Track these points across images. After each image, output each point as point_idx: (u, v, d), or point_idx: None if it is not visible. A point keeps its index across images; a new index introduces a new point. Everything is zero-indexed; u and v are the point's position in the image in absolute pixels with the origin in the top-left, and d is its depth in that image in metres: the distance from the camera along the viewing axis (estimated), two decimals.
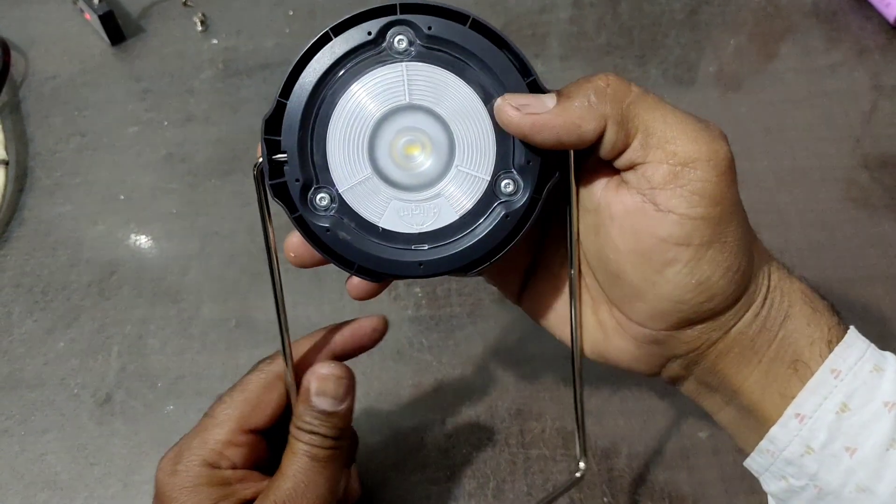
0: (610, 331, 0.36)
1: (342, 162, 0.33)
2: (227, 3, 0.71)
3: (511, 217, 0.33)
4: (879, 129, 0.63)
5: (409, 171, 0.34)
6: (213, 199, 0.60)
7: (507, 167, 0.33)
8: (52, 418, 0.51)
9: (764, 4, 0.70)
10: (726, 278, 0.32)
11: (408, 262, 0.34)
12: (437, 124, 0.33)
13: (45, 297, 0.56)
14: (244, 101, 0.65)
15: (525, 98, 0.32)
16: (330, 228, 0.33)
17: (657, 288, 0.32)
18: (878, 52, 0.67)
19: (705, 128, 0.32)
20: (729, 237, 0.32)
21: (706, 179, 0.31)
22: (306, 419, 0.37)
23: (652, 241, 0.31)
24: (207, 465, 0.37)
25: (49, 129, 0.64)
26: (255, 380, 0.39)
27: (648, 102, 0.31)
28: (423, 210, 0.34)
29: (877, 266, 0.56)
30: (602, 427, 0.50)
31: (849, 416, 0.32)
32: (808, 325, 0.33)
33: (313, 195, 0.33)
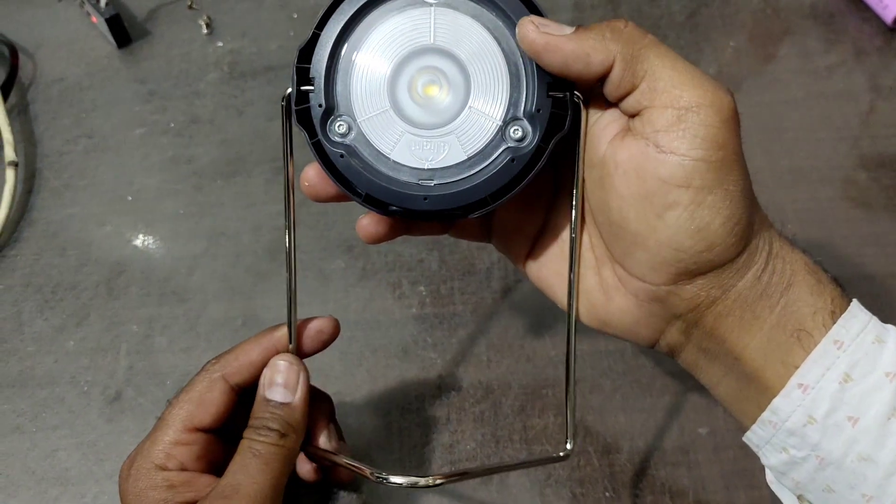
0: (611, 290, 0.37)
1: (364, 94, 0.35)
2: (232, 7, 0.72)
3: (517, 162, 0.35)
4: (877, 130, 0.63)
5: (424, 108, 0.36)
6: (218, 199, 0.61)
7: (517, 114, 0.35)
8: (62, 415, 0.52)
9: (762, 6, 0.71)
10: (726, 228, 0.32)
11: (413, 196, 0.35)
12: (456, 67, 0.35)
13: (55, 296, 0.56)
14: (249, 103, 0.66)
15: (545, 20, 0.34)
16: (344, 155, 0.35)
17: (657, 233, 0.33)
18: (876, 54, 0.68)
19: (712, 80, 0.33)
20: (731, 185, 0.32)
21: (709, 124, 0.31)
22: (257, 414, 0.38)
23: (654, 182, 0.32)
24: (156, 468, 0.38)
25: (57, 131, 0.64)
26: (199, 380, 0.40)
27: (660, 50, 0.33)
28: (433, 146, 0.35)
29: (874, 265, 0.57)
30: (604, 423, 0.51)
31: (851, 387, 0.32)
32: (811, 295, 0.34)
33: (332, 122, 0.35)
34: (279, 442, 0.38)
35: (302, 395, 0.39)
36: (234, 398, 0.40)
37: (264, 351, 0.41)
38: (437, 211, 0.35)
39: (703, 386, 0.51)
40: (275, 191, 0.61)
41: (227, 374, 0.40)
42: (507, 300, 0.55)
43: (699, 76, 0.32)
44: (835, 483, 0.33)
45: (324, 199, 0.38)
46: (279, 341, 0.41)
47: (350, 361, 0.53)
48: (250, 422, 0.38)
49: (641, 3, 0.71)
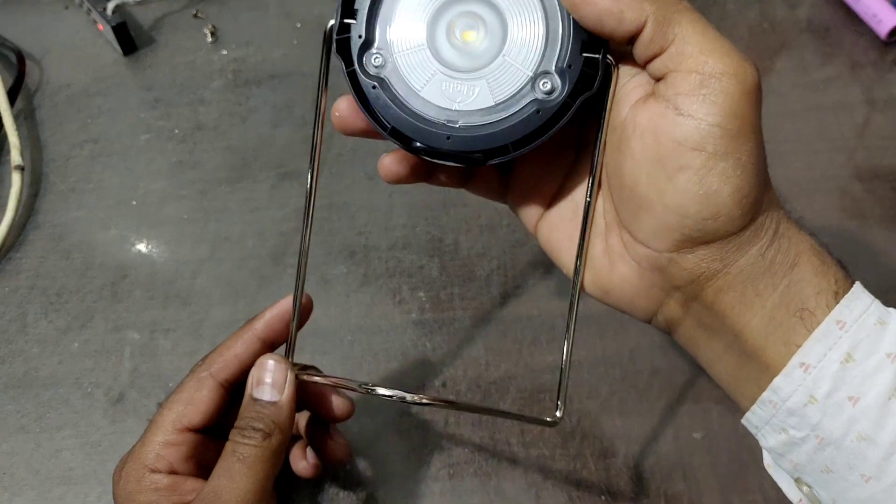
0: (616, 257, 0.37)
1: (403, 30, 0.36)
2: (237, 15, 0.73)
3: (542, 114, 0.35)
4: (872, 142, 0.64)
5: (460, 52, 0.36)
6: (222, 205, 0.61)
7: (548, 68, 0.35)
8: (66, 416, 0.52)
9: (759, 21, 0.72)
10: (734, 198, 0.33)
11: (438, 134, 0.35)
12: (495, 16, 0.36)
13: (60, 298, 0.57)
14: (253, 110, 0.67)
15: None
16: (376, 87, 0.36)
17: (665, 197, 0.33)
18: (871, 67, 0.69)
19: (739, 51, 0.33)
20: (744, 156, 0.32)
21: (729, 92, 0.32)
22: (244, 414, 0.39)
23: (669, 144, 0.33)
24: (146, 470, 0.39)
25: (63, 136, 0.65)
26: (187, 380, 0.41)
27: (693, 16, 0.33)
28: (464, 88, 0.36)
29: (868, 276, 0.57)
30: (600, 427, 0.51)
31: (853, 367, 0.32)
32: (815, 275, 0.34)
33: (369, 55, 0.36)
34: (263, 443, 0.38)
35: (289, 394, 0.39)
36: (224, 395, 0.41)
37: (246, 343, 0.41)
38: (458, 152, 0.36)
39: (698, 391, 0.52)
40: (279, 196, 0.62)
41: (213, 371, 0.41)
42: (505, 306, 0.56)
43: (728, 46, 0.33)
44: (833, 463, 0.33)
45: (351, 132, 0.38)
46: (259, 331, 0.42)
47: (351, 365, 0.54)
48: (236, 422, 0.39)
49: None
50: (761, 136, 0.33)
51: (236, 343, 0.42)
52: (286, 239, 0.60)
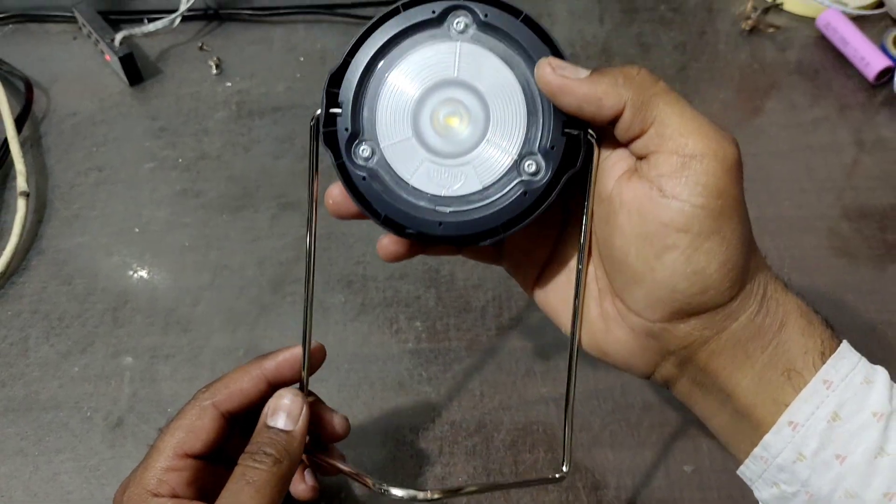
0: (611, 321, 0.38)
1: (388, 121, 0.37)
2: (241, 49, 0.74)
3: (529, 195, 0.37)
4: (860, 182, 0.66)
5: (444, 138, 0.37)
6: (224, 233, 0.63)
7: (532, 149, 0.37)
8: (65, 440, 0.53)
9: (750, 62, 0.74)
10: (721, 273, 0.34)
11: (429, 221, 0.37)
12: (477, 100, 0.37)
13: (61, 323, 0.58)
14: (255, 141, 0.68)
15: (563, 63, 0.35)
16: (366, 178, 0.37)
17: (655, 273, 0.34)
18: (859, 109, 0.70)
19: (718, 129, 0.34)
20: (728, 233, 0.33)
21: (711, 173, 0.33)
22: (256, 439, 0.39)
23: (655, 225, 0.34)
24: (149, 494, 0.39)
25: (69, 164, 0.67)
26: (190, 408, 0.42)
27: (670, 98, 0.34)
28: (451, 175, 0.37)
29: (855, 313, 0.59)
30: (592, 460, 0.52)
31: (839, 425, 0.34)
32: (802, 336, 0.35)
33: (357, 146, 0.37)
34: (273, 468, 0.38)
35: (303, 426, 0.40)
36: (224, 425, 0.42)
37: (254, 380, 0.42)
38: (450, 237, 0.37)
39: (688, 425, 0.53)
40: (280, 226, 0.63)
41: (217, 401, 0.42)
42: (500, 338, 0.57)
43: (706, 125, 0.34)
44: None
45: (346, 217, 0.39)
46: (268, 370, 0.43)
47: (347, 393, 0.55)
48: (248, 447, 0.39)
49: (634, 55, 0.74)
50: (745, 209, 0.34)
51: (244, 378, 0.42)
52: (286, 268, 0.61)
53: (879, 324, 0.58)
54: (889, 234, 0.63)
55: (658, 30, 0.76)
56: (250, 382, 0.42)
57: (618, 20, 0.76)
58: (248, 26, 0.76)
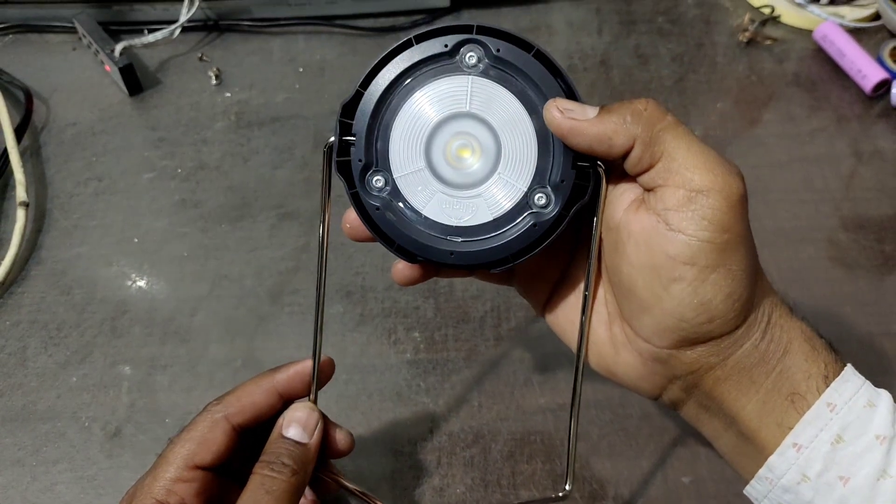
0: (619, 345, 0.39)
1: (401, 152, 0.38)
2: (241, 59, 0.75)
3: (538, 227, 0.37)
4: (857, 193, 0.66)
5: (457, 170, 0.38)
6: (223, 243, 0.63)
7: (542, 182, 0.37)
8: (63, 450, 0.53)
9: (747, 73, 0.74)
10: (727, 304, 0.35)
11: (441, 250, 0.38)
12: (488, 134, 0.38)
13: (60, 333, 0.58)
14: (254, 151, 0.68)
15: (571, 104, 0.36)
16: (380, 208, 0.38)
17: (663, 303, 0.35)
18: (856, 121, 0.71)
19: (724, 163, 0.35)
20: (734, 265, 0.34)
21: (716, 207, 0.34)
22: (272, 449, 0.40)
23: (662, 257, 0.35)
24: (156, 502, 0.39)
25: (68, 174, 0.67)
26: (202, 419, 0.42)
27: (678, 132, 0.35)
28: (463, 206, 0.38)
29: (853, 324, 0.59)
30: (590, 470, 0.52)
31: (843, 448, 0.34)
32: (805, 361, 0.36)
33: (371, 176, 0.38)
34: (291, 479, 0.38)
35: (317, 440, 0.41)
36: (235, 438, 0.42)
37: (266, 393, 0.42)
38: (461, 266, 0.38)
39: (686, 436, 0.53)
40: (279, 236, 0.63)
41: (229, 414, 0.42)
42: (499, 348, 0.57)
43: (713, 160, 0.34)
44: None
45: (362, 240, 0.40)
46: (280, 383, 0.43)
47: (346, 404, 0.55)
48: (263, 456, 0.39)
49: (632, 67, 0.74)
50: (751, 241, 0.35)
51: (256, 391, 0.42)
52: (284, 278, 0.61)
53: (878, 335, 0.58)
54: (887, 245, 0.63)
55: (656, 41, 0.76)
56: (262, 395, 0.42)
57: (616, 32, 0.77)
58: (248, 37, 0.76)
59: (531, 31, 0.77)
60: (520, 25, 0.77)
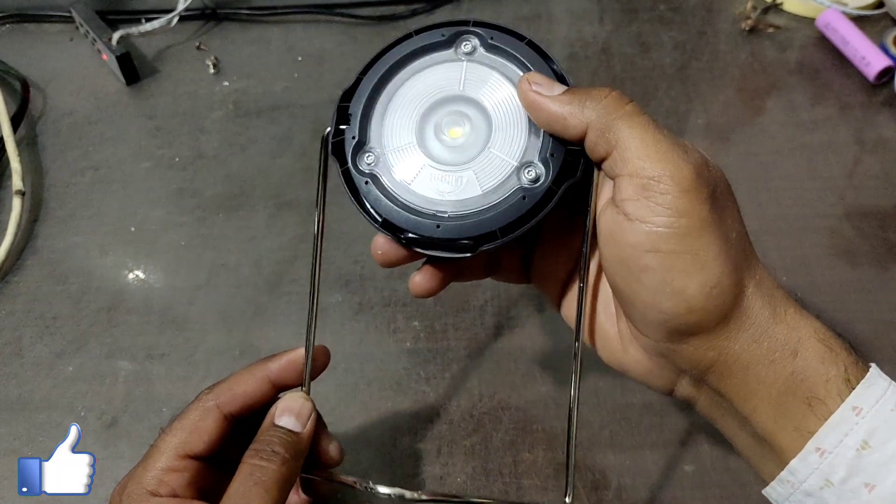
0: (626, 341, 0.39)
1: (394, 130, 0.39)
2: (239, 48, 0.74)
3: (528, 200, 0.37)
4: (861, 181, 0.66)
5: (448, 147, 0.38)
6: (220, 233, 0.62)
7: (532, 158, 0.37)
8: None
9: (751, 61, 0.73)
10: (702, 292, 0.34)
11: (427, 224, 0.37)
12: (480, 114, 0.38)
13: (56, 322, 0.57)
14: (253, 140, 0.68)
15: (542, 79, 0.37)
16: (369, 182, 0.38)
17: (640, 295, 0.35)
18: (860, 109, 0.70)
19: (678, 149, 0.34)
20: (701, 252, 0.34)
21: (668, 192, 0.33)
22: (264, 436, 0.39)
23: (626, 248, 0.34)
24: (148, 494, 0.38)
25: (64, 163, 0.66)
26: (193, 409, 0.41)
27: (633, 121, 0.34)
28: (451, 180, 0.38)
29: (858, 310, 0.58)
30: (592, 459, 0.51)
31: (869, 454, 0.33)
32: (822, 363, 0.34)
33: (362, 154, 0.38)
34: (282, 468, 0.38)
35: (310, 429, 0.40)
36: (227, 427, 0.41)
37: (258, 381, 0.42)
38: (447, 239, 0.37)
39: (689, 425, 0.52)
40: (277, 225, 0.62)
41: (220, 403, 0.41)
42: (499, 337, 0.57)
43: (665, 147, 0.34)
44: None
45: (394, 264, 0.40)
46: (273, 372, 0.42)
47: (345, 393, 0.54)
48: (254, 444, 0.39)
49: (634, 55, 0.73)
50: (721, 226, 0.34)
51: (248, 380, 0.42)
52: (282, 268, 0.60)
53: (882, 323, 0.57)
54: (891, 234, 0.62)
55: (658, 29, 0.75)
56: (254, 384, 0.42)
57: (618, 20, 0.76)
58: (246, 26, 0.76)
59: (532, 20, 0.76)
60: (520, 14, 0.77)
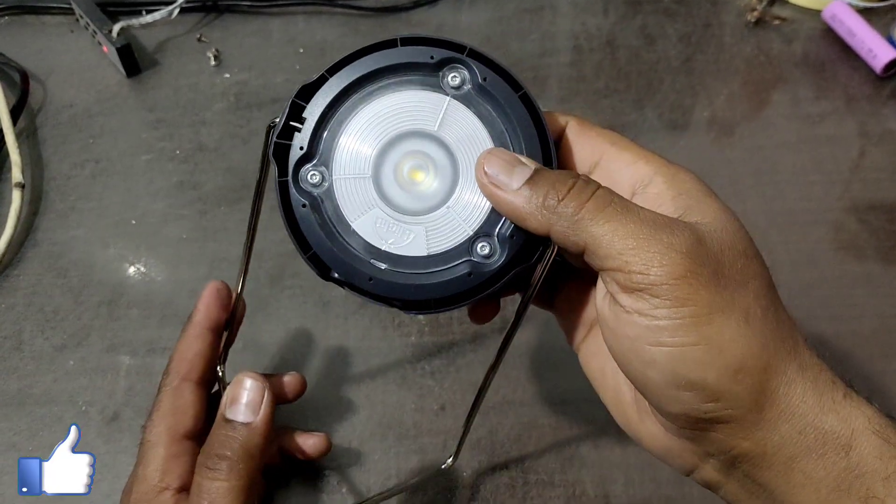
0: (644, 412, 0.34)
1: (349, 153, 0.34)
2: (240, 40, 0.73)
3: (473, 278, 0.33)
4: (867, 174, 0.65)
5: (404, 191, 0.34)
6: (222, 225, 0.61)
7: (491, 232, 0.34)
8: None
9: (756, 54, 0.73)
10: (725, 378, 0.30)
11: (360, 271, 0.33)
12: (448, 162, 0.34)
13: (56, 316, 0.57)
14: (254, 133, 0.67)
15: (502, 166, 0.32)
16: (306, 205, 0.34)
17: (652, 385, 0.31)
18: (866, 101, 0.70)
19: (659, 233, 0.30)
20: (714, 336, 0.30)
21: (662, 283, 0.30)
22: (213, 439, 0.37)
23: (627, 342, 0.31)
24: (155, 490, 0.38)
25: (65, 155, 0.65)
26: (163, 395, 0.41)
27: (602, 216, 0.31)
28: (399, 231, 0.34)
29: (865, 304, 0.58)
30: (599, 454, 0.51)
31: None
32: (879, 460, 0.30)
33: (307, 170, 0.34)
34: (230, 476, 0.36)
35: (265, 415, 0.38)
36: (204, 395, 0.41)
37: (199, 337, 0.42)
38: (377, 295, 0.34)
39: None
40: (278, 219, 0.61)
41: (184, 375, 0.40)
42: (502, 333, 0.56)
43: (645, 234, 0.30)
44: None
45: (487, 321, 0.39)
46: (202, 321, 0.43)
47: (349, 387, 0.54)
48: (204, 447, 0.37)
49: (639, 47, 0.73)
50: (737, 304, 0.30)
51: (192, 342, 0.42)
52: (284, 261, 0.60)
53: (889, 316, 0.57)
54: None
55: (663, 21, 0.75)
56: (199, 342, 0.41)
57: (622, 12, 0.75)
58: (247, 18, 0.75)
59: (535, 12, 0.75)
60: (524, 6, 0.76)
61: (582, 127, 0.35)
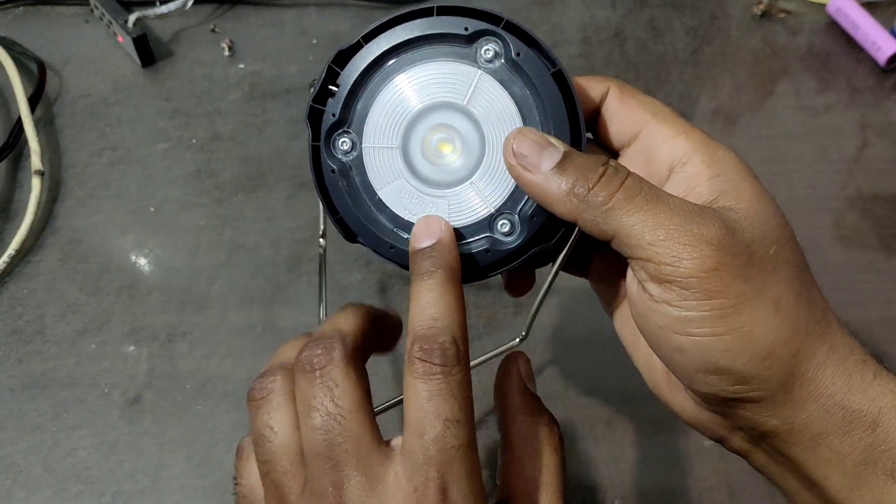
0: (674, 386, 0.35)
1: (379, 123, 0.35)
2: (254, 31, 0.74)
3: (490, 255, 0.34)
4: (871, 164, 0.66)
5: (430, 163, 0.34)
6: (239, 213, 0.63)
7: (513, 209, 0.34)
8: (83, 416, 0.53)
9: (762, 46, 0.74)
10: (754, 364, 0.30)
11: (382, 239, 0.34)
12: (477, 137, 0.34)
13: (77, 301, 0.58)
14: (269, 122, 0.68)
15: (530, 146, 0.32)
16: (335, 171, 0.35)
17: (680, 369, 0.31)
18: (870, 93, 0.71)
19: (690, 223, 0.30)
20: (743, 326, 0.30)
21: (692, 275, 0.29)
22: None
23: (655, 328, 0.31)
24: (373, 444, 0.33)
25: (82, 144, 0.66)
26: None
27: (631, 205, 0.30)
28: (422, 203, 0.34)
29: (870, 291, 0.59)
30: (612, 434, 0.52)
31: None
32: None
33: (339, 136, 0.35)
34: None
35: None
36: None
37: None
38: (395, 262, 0.35)
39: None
40: (295, 206, 0.63)
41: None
42: (518, 316, 0.57)
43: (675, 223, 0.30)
44: None
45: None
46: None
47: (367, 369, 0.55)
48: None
49: (647, 39, 0.74)
50: (767, 294, 0.30)
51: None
52: (301, 247, 0.61)
53: (893, 304, 0.58)
54: None
55: (670, 14, 0.76)
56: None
57: (630, 5, 0.77)
58: (260, 9, 0.76)
59: (545, 5, 0.76)
60: None
61: (623, 94, 0.35)
